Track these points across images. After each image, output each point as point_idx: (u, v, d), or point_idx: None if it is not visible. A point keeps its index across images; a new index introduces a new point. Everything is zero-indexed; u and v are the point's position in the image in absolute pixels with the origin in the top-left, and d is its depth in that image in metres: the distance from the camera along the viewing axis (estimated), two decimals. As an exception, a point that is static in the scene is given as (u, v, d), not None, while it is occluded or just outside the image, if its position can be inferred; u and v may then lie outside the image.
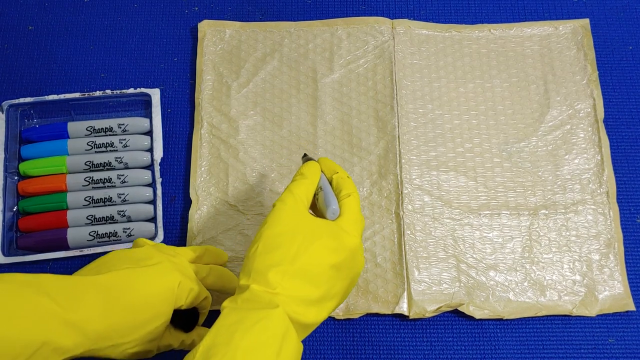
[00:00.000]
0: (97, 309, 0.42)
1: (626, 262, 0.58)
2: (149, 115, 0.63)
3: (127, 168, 0.61)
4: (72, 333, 0.40)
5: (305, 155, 0.52)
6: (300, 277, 0.40)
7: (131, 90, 0.63)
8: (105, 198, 0.59)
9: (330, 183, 0.48)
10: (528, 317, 0.56)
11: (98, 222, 0.59)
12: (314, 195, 0.47)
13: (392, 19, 0.66)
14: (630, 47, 0.66)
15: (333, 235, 0.43)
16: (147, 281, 0.44)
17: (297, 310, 0.39)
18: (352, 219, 0.44)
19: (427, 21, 0.67)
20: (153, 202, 0.60)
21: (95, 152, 0.61)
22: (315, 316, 0.41)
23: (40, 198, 0.60)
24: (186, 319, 0.50)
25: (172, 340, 0.48)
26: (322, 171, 0.48)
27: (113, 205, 0.59)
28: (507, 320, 0.56)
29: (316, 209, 0.48)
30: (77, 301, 0.41)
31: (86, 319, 0.41)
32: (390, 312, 0.56)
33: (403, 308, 0.56)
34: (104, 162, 0.60)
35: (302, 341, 0.42)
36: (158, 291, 0.44)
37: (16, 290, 0.39)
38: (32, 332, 0.38)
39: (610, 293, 0.57)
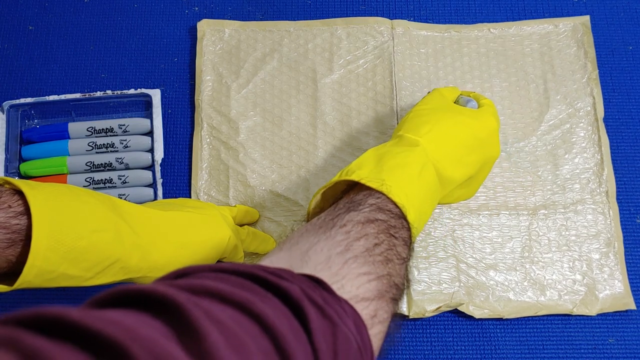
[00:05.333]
0: (160, 239, 0.45)
1: (626, 261, 0.58)
2: (149, 115, 0.63)
3: (127, 169, 0.61)
4: (137, 256, 0.43)
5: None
6: (443, 133, 0.46)
7: (132, 91, 0.63)
8: (106, 198, 0.59)
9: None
10: (528, 317, 0.56)
11: (99, 223, 0.59)
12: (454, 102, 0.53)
13: (391, 20, 0.66)
14: (630, 47, 0.66)
15: (476, 115, 0.49)
16: (206, 227, 0.49)
17: (435, 157, 0.44)
18: (491, 110, 0.50)
19: (426, 21, 0.67)
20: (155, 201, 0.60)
21: (96, 152, 0.61)
22: (450, 172, 0.45)
23: (41, 198, 0.60)
24: None
25: None
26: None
27: (114, 205, 0.59)
28: (507, 320, 0.56)
29: None
30: (145, 228, 0.44)
31: (151, 246, 0.44)
32: (390, 312, 0.56)
33: (403, 308, 0.56)
34: (105, 163, 0.60)
35: None
36: (213, 238, 0.49)
37: (102, 206, 0.42)
38: (113, 246, 0.41)
39: (610, 292, 0.57)
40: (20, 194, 0.39)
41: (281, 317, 0.25)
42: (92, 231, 0.40)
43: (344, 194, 0.42)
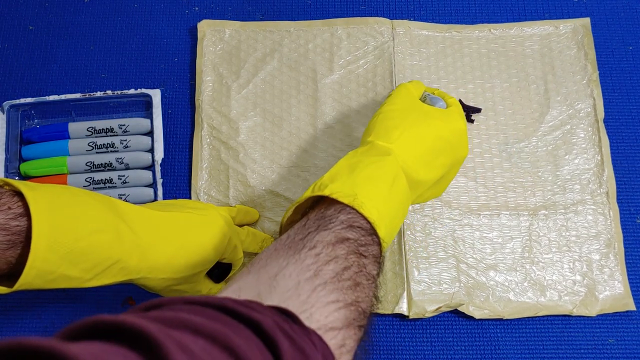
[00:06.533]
0: (160, 240, 0.45)
1: (626, 262, 0.58)
2: (149, 115, 0.63)
3: (128, 169, 0.61)
4: (137, 257, 0.43)
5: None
6: (414, 140, 0.46)
7: (132, 91, 0.63)
8: (106, 199, 0.59)
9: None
10: (528, 317, 0.56)
11: (99, 223, 0.59)
12: (420, 99, 0.53)
13: (391, 20, 0.66)
14: (630, 47, 0.66)
15: (443, 116, 0.49)
16: (205, 228, 0.49)
17: (407, 162, 0.45)
18: (458, 110, 0.51)
19: (427, 21, 0.67)
20: (155, 201, 0.60)
21: (96, 152, 0.61)
22: (420, 175, 0.46)
23: (41, 199, 0.60)
24: (220, 272, 0.55)
25: (202, 287, 0.52)
26: None
27: (114, 205, 0.59)
28: (507, 320, 0.56)
29: None
30: (145, 229, 0.44)
31: (150, 246, 0.44)
32: (390, 312, 0.56)
33: (403, 308, 0.56)
34: (105, 163, 0.60)
35: None
36: (212, 239, 0.49)
37: (101, 206, 0.42)
38: (112, 247, 0.41)
39: (610, 293, 0.57)
40: (20, 195, 0.39)
41: (253, 349, 0.25)
42: (91, 232, 0.40)
43: (316, 204, 0.42)
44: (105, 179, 0.60)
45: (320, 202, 0.41)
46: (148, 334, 0.21)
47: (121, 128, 0.62)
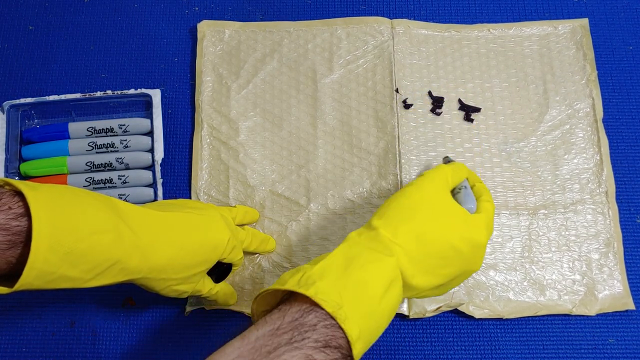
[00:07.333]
0: (160, 241, 0.45)
1: (625, 262, 0.58)
2: (149, 115, 0.63)
3: (128, 169, 0.61)
4: (137, 257, 0.43)
5: (447, 157, 0.54)
6: (423, 241, 0.42)
7: (132, 91, 0.63)
8: (106, 199, 0.59)
9: (472, 188, 0.50)
10: (528, 317, 0.57)
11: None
12: (454, 190, 0.49)
13: (391, 19, 0.66)
14: (630, 47, 0.66)
15: (466, 222, 0.45)
16: (205, 228, 0.49)
17: (407, 267, 0.41)
18: (486, 220, 0.46)
19: (426, 21, 0.67)
20: (155, 201, 0.60)
21: (96, 152, 0.61)
22: (418, 282, 0.42)
23: (41, 199, 0.60)
24: (220, 272, 0.55)
25: (202, 287, 0.51)
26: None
27: (114, 205, 0.59)
28: (507, 319, 0.57)
29: None
30: (145, 229, 0.44)
31: (151, 247, 0.44)
32: (390, 312, 0.56)
33: (403, 308, 0.56)
34: (105, 163, 0.60)
35: None
36: (212, 240, 0.49)
37: (102, 207, 0.42)
38: (113, 247, 0.41)
39: (609, 292, 0.57)
40: (20, 195, 0.39)
41: None
42: (92, 232, 0.40)
43: (293, 296, 0.38)
44: (105, 179, 0.60)
45: (300, 295, 0.37)
46: None
47: (121, 128, 0.62)
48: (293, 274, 0.39)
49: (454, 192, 0.49)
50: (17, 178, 0.61)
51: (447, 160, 0.53)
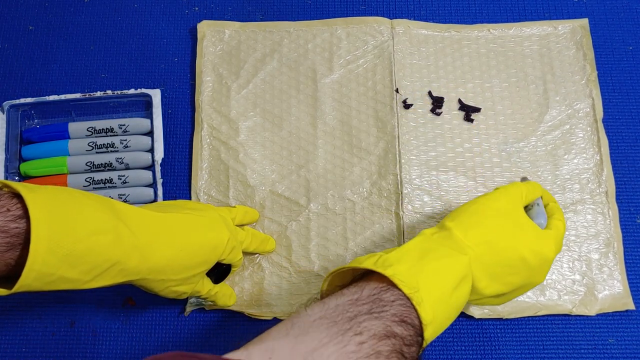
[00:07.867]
0: (159, 241, 0.45)
1: (625, 262, 0.58)
2: (149, 115, 0.63)
3: (128, 169, 0.61)
4: (137, 258, 0.43)
5: (525, 177, 0.54)
6: (492, 248, 0.43)
7: (132, 91, 0.63)
8: (106, 199, 0.59)
9: (545, 207, 0.50)
10: (528, 317, 0.57)
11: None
12: (527, 206, 0.49)
13: (391, 19, 0.66)
14: (630, 47, 0.66)
15: (536, 236, 0.45)
16: (205, 229, 0.49)
17: (475, 270, 0.42)
18: (556, 237, 0.47)
19: (426, 21, 0.67)
20: (154, 202, 0.60)
21: (96, 152, 0.61)
22: (483, 287, 0.43)
23: (41, 199, 0.60)
24: (219, 272, 0.55)
25: (201, 288, 0.52)
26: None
27: (114, 205, 0.59)
28: (507, 320, 0.57)
29: None
30: (144, 230, 0.44)
31: (150, 248, 0.44)
32: (390, 312, 0.56)
33: (403, 308, 0.56)
34: (105, 163, 0.60)
35: None
36: (212, 240, 0.49)
37: (100, 208, 0.42)
38: (111, 248, 0.41)
39: (609, 292, 0.57)
40: (18, 197, 0.39)
41: None
42: (90, 234, 0.40)
43: (368, 275, 0.40)
44: (105, 179, 0.60)
45: (375, 276, 0.39)
46: None
47: (121, 128, 0.62)
48: (368, 257, 0.40)
49: (527, 208, 0.49)
50: (17, 178, 0.61)
51: (524, 179, 0.53)
